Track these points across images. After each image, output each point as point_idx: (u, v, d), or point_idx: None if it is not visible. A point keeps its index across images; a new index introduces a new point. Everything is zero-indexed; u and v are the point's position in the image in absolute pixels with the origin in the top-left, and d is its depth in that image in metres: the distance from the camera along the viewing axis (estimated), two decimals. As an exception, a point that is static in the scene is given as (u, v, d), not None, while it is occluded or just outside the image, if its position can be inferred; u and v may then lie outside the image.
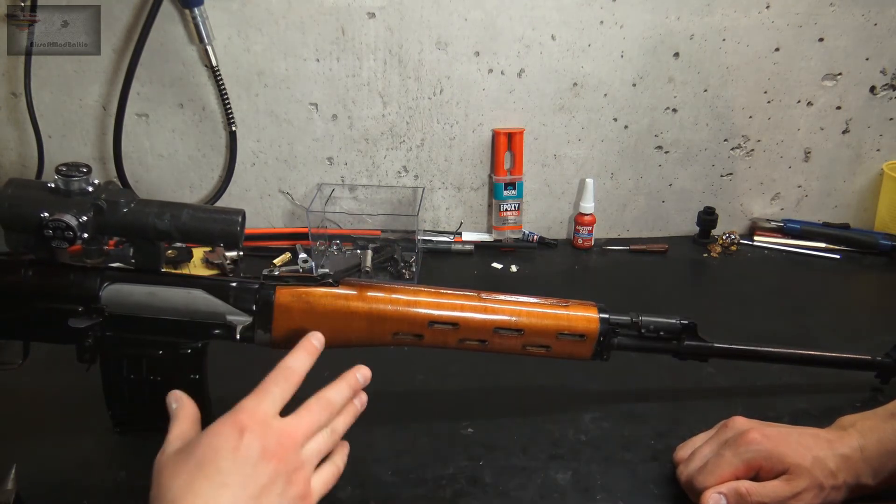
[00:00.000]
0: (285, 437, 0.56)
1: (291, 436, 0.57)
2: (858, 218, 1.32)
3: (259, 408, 0.57)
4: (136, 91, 1.14)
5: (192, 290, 0.70)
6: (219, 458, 0.53)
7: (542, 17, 1.13)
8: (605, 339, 0.75)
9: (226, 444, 0.54)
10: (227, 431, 0.54)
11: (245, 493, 0.52)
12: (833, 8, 1.15)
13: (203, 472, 0.52)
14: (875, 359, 0.85)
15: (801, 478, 0.65)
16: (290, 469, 0.56)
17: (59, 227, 0.63)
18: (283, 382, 0.60)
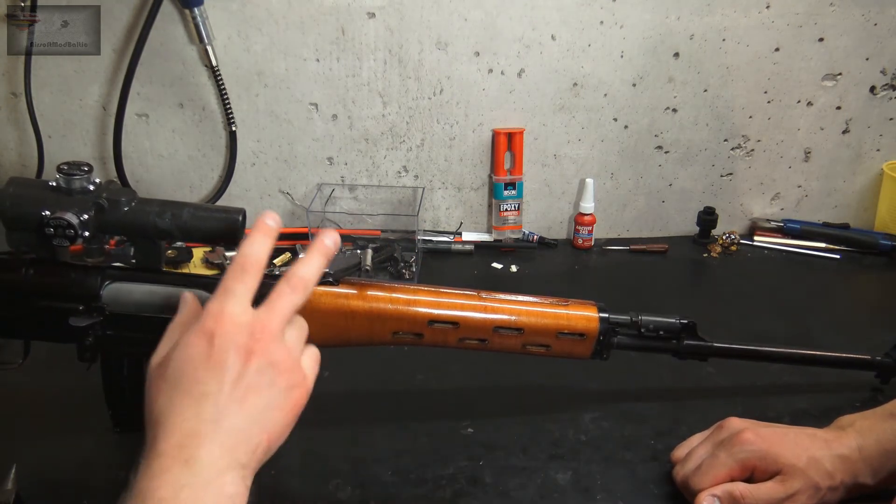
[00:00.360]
0: (259, 330, 0.53)
1: (266, 328, 0.53)
2: (858, 218, 1.32)
3: (224, 309, 0.53)
4: (136, 91, 1.14)
5: (192, 289, 0.70)
6: (193, 370, 0.51)
7: (542, 17, 1.13)
8: (604, 338, 0.75)
9: (197, 353, 0.51)
10: (196, 341, 0.52)
11: (229, 398, 0.50)
12: (833, 8, 1.15)
13: (181, 388, 0.51)
14: (875, 359, 0.85)
15: (795, 478, 0.65)
16: (275, 360, 0.53)
17: (61, 225, 0.63)
18: (242, 275, 0.55)
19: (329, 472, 0.72)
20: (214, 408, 0.50)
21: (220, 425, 0.50)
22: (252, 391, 0.51)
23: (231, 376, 0.51)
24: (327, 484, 0.71)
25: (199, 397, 0.50)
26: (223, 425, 0.50)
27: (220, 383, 0.51)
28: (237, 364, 0.51)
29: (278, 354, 0.53)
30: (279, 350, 0.54)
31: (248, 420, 0.51)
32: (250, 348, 0.52)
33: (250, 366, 0.52)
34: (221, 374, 0.51)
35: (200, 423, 0.49)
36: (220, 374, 0.51)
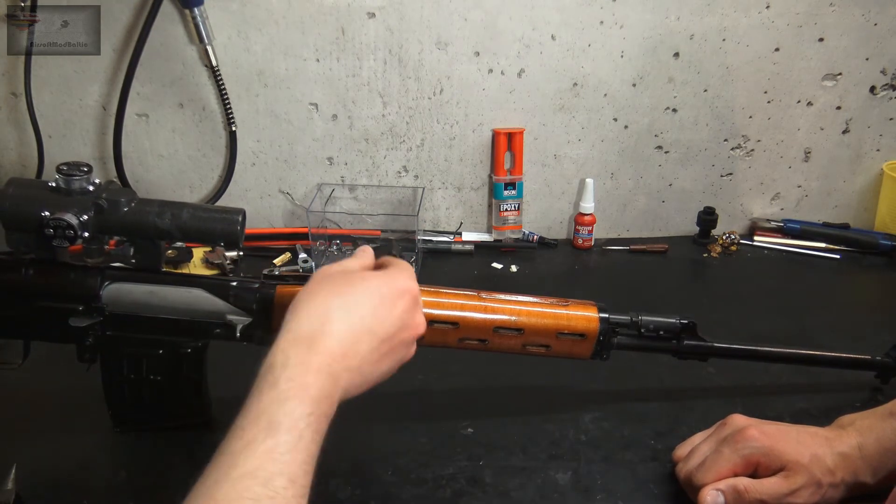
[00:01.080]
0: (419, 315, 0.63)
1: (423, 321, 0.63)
2: (858, 218, 1.32)
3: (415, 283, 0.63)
4: (136, 91, 1.14)
5: (192, 289, 0.70)
6: (378, 307, 0.58)
7: (542, 17, 1.13)
8: (604, 338, 0.75)
9: (389, 299, 0.59)
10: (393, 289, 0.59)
11: (381, 345, 0.57)
12: (833, 8, 1.15)
13: (359, 310, 0.57)
14: (875, 359, 0.85)
15: (798, 474, 0.65)
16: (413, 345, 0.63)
17: (60, 225, 0.64)
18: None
19: (329, 472, 0.72)
20: (370, 345, 0.56)
21: (368, 362, 0.56)
22: (389, 357, 0.59)
23: (394, 331, 0.58)
24: (327, 484, 0.71)
25: (369, 329, 0.56)
26: (368, 371, 0.57)
27: (385, 330, 0.58)
28: (401, 327, 0.59)
29: (414, 345, 0.63)
30: (415, 338, 0.63)
31: (379, 370, 0.58)
32: (410, 325, 0.61)
33: (405, 334, 0.60)
34: (390, 326, 0.58)
35: (358, 349, 0.55)
36: (391, 325, 0.58)
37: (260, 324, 0.70)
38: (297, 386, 0.50)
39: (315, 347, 0.53)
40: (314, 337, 0.53)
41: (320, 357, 0.52)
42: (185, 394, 0.74)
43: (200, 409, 0.76)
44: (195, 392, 0.75)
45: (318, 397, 0.50)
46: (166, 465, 0.73)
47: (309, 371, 0.51)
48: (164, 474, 0.72)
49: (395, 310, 0.59)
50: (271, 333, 0.70)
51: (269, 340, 0.70)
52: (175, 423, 0.76)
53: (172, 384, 0.74)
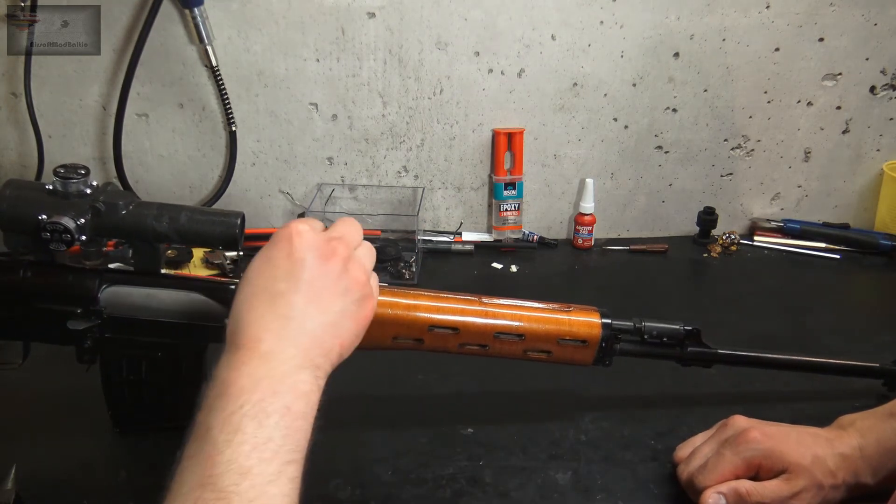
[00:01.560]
0: (335, 239, 0.56)
1: (342, 239, 0.57)
2: (858, 218, 1.32)
3: (301, 223, 0.57)
4: (136, 91, 1.14)
5: (190, 292, 0.70)
6: (272, 270, 0.54)
7: (542, 17, 1.12)
8: (607, 344, 0.74)
9: (276, 254, 0.54)
10: (276, 245, 0.55)
11: (306, 298, 0.53)
12: (833, 8, 1.15)
13: (260, 287, 0.53)
14: (882, 366, 0.84)
15: (800, 477, 0.65)
16: (349, 268, 0.56)
17: (57, 229, 0.63)
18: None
19: (329, 472, 0.73)
20: (290, 306, 0.52)
21: (296, 323, 0.52)
22: (327, 294, 0.54)
23: (308, 276, 0.53)
24: (327, 484, 0.71)
25: (276, 295, 0.52)
26: (299, 324, 0.52)
27: (296, 282, 0.53)
28: (314, 266, 0.54)
29: (352, 264, 0.57)
30: (353, 261, 0.57)
31: (322, 323, 0.53)
32: (327, 254, 0.55)
33: (327, 269, 0.54)
34: (299, 273, 0.53)
35: (276, 318, 0.52)
36: (298, 272, 0.53)
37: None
38: (223, 386, 0.49)
39: (233, 345, 0.52)
40: (231, 337, 0.52)
41: (239, 352, 0.51)
42: (184, 394, 0.74)
43: (200, 410, 0.76)
44: (195, 393, 0.75)
45: (248, 386, 0.48)
46: (166, 466, 0.72)
47: (233, 367, 0.50)
48: (164, 474, 0.71)
49: (290, 255, 0.54)
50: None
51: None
52: (175, 423, 0.76)
53: (172, 385, 0.74)
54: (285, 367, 0.50)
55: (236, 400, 0.47)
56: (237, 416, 0.46)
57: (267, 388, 0.48)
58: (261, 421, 0.46)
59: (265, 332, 0.51)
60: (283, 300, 0.52)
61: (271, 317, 0.52)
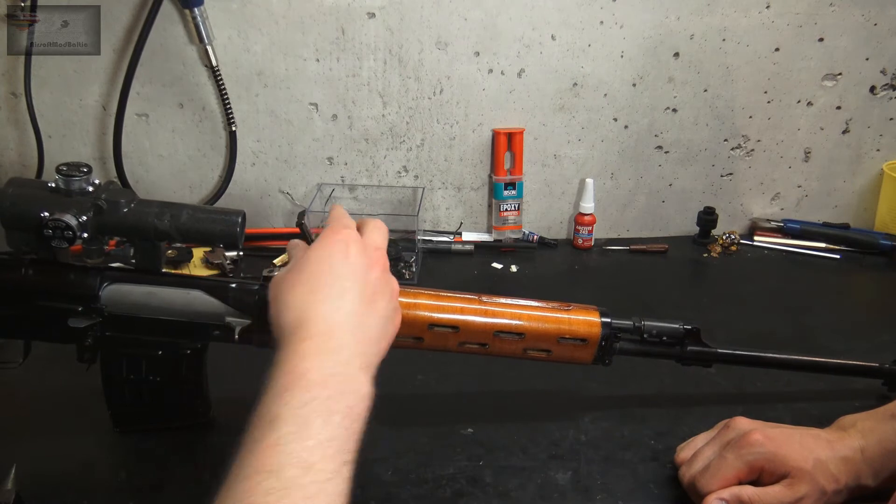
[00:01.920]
0: (377, 249, 0.61)
1: (379, 248, 0.61)
2: (858, 218, 1.32)
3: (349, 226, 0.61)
4: (136, 91, 1.14)
5: (191, 290, 0.70)
6: (332, 269, 0.56)
7: (542, 17, 1.13)
8: (606, 343, 0.75)
9: (336, 254, 0.57)
10: (333, 245, 0.58)
11: (363, 297, 0.56)
12: (833, 8, 1.15)
13: (321, 285, 0.55)
14: (883, 366, 0.84)
15: (802, 482, 0.65)
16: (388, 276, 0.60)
17: (59, 226, 0.64)
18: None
19: (329, 473, 0.72)
20: (353, 304, 0.55)
21: (360, 322, 0.55)
22: (378, 296, 0.58)
23: (364, 278, 0.57)
24: (327, 484, 0.71)
25: (342, 293, 0.55)
26: (362, 323, 0.55)
27: (356, 282, 0.56)
28: (367, 270, 0.58)
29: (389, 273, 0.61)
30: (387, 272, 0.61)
31: (376, 322, 0.57)
32: (374, 261, 0.59)
33: (375, 273, 0.58)
34: (360, 276, 0.57)
35: (344, 315, 0.54)
36: (359, 275, 0.57)
37: (259, 326, 0.70)
38: (293, 375, 0.50)
39: (300, 335, 0.53)
40: (294, 327, 0.53)
41: (309, 342, 0.52)
42: (184, 394, 0.74)
43: (200, 410, 0.76)
44: (195, 392, 0.75)
45: (319, 380, 0.49)
46: (166, 465, 0.73)
47: (305, 357, 0.51)
48: (164, 474, 0.72)
49: (347, 258, 0.57)
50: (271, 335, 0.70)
51: (268, 342, 0.71)
52: (175, 423, 0.76)
53: (172, 384, 0.74)
54: (352, 367, 0.52)
55: (306, 393, 0.48)
56: (306, 410, 0.47)
57: (335, 386, 0.50)
58: (326, 419, 0.47)
59: (336, 327, 0.53)
60: (348, 299, 0.55)
61: (339, 314, 0.54)
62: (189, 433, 0.76)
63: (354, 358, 0.53)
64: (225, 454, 0.76)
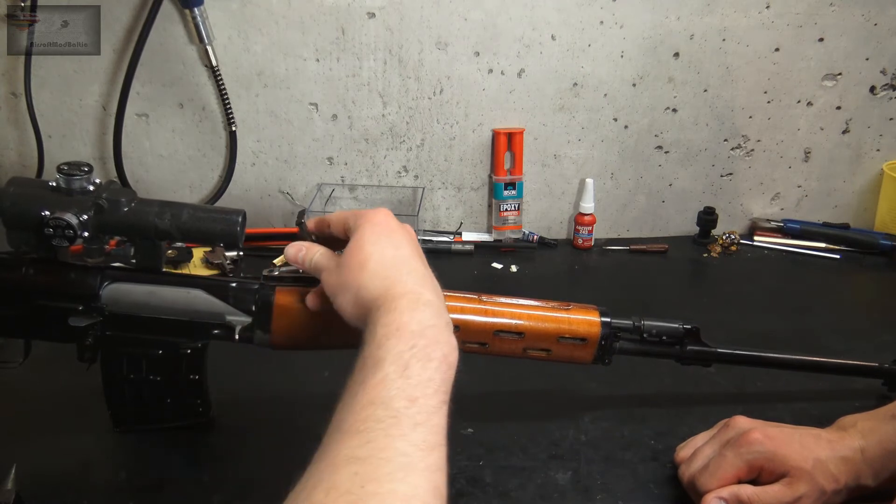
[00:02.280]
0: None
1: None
2: (858, 218, 1.32)
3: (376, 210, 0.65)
4: (136, 91, 1.14)
5: (191, 289, 0.70)
6: (393, 239, 0.61)
7: (542, 17, 1.13)
8: (606, 343, 0.75)
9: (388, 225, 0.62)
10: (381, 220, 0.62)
11: (423, 262, 0.61)
12: (833, 8, 1.15)
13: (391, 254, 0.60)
14: (882, 366, 0.84)
15: (802, 481, 0.65)
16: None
17: (60, 225, 0.64)
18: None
19: (329, 473, 0.72)
20: (423, 267, 0.60)
21: (431, 282, 0.60)
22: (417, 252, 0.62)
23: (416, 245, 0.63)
24: (327, 484, 0.71)
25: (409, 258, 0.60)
26: (433, 282, 0.60)
27: (415, 249, 0.62)
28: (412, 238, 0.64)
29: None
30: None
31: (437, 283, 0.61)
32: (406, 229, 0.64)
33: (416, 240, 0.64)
34: (413, 243, 0.63)
35: (420, 277, 0.59)
36: (412, 242, 0.63)
37: (259, 325, 0.70)
38: (393, 327, 0.53)
39: (392, 295, 0.56)
40: (389, 287, 0.57)
41: (404, 298, 0.55)
42: (185, 394, 0.74)
43: (200, 409, 0.76)
44: (195, 392, 0.75)
45: (417, 331, 0.53)
46: (166, 465, 0.73)
47: (402, 312, 0.54)
48: (164, 474, 0.72)
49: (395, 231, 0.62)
50: (271, 334, 0.70)
51: (269, 341, 0.71)
52: (175, 423, 0.76)
53: (172, 384, 0.74)
54: (442, 320, 0.55)
55: (408, 341, 0.52)
56: (407, 355, 0.51)
57: (432, 336, 0.53)
58: (425, 364, 0.51)
59: (420, 286, 0.57)
60: (416, 262, 0.60)
61: (417, 276, 0.58)
62: (189, 433, 0.76)
63: (443, 312, 0.56)
64: (225, 454, 0.77)
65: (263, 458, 0.74)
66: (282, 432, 0.77)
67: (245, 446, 0.76)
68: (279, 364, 0.85)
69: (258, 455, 0.74)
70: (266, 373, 0.86)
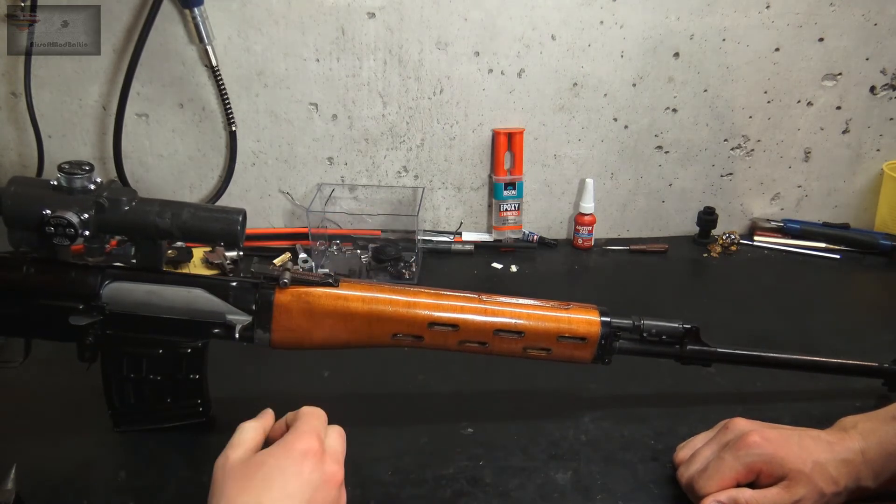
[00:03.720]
0: (334, 462, 0.59)
1: (338, 461, 0.59)
2: (858, 218, 1.32)
3: (312, 431, 0.59)
4: (136, 91, 1.14)
5: (192, 288, 0.70)
6: (286, 480, 0.55)
7: (542, 17, 1.13)
8: (606, 342, 0.75)
9: (293, 466, 0.56)
10: (294, 455, 0.56)
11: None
12: (833, 8, 1.15)
13: (270, 493, 0.54)
14: (882, 366, 0.84)
15: (800, 484, 0.65)
16: (339, 494, 0.59)
17: (61, 224, 0.64)
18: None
19: (329, 472, 0.72)
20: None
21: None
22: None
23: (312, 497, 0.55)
24: (327, 484, 0.71)
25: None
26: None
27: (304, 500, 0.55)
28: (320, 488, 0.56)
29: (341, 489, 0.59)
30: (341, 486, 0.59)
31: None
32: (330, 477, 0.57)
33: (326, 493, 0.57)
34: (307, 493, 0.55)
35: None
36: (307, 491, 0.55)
37: (259, 324, 0.70)
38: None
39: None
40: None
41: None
42: (185, 393, 0.74)
43: (200, 409, 0.76)
44: (195, 392, 0.75)
45: None
46: (166, 465, 0.73)
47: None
48: (164, 474, 0.72)
49: (302, 476, 0.56)
50: (271, 334, 0.70)
51: (269, 341, 0.71)
52: (175, 423, 0.76)
53: (172, 384, 0.74)
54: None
55: None
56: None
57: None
58: None
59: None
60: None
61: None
62: (189, 433, 0.76)
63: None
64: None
65: (263, 458, 0.74)
66: (282, 432, 0.77)
67: (245, 446, 0.76)
68: (279, 364, 0.85)
69: (258, 455, 0.74)
70: (266, 373, 0.86)
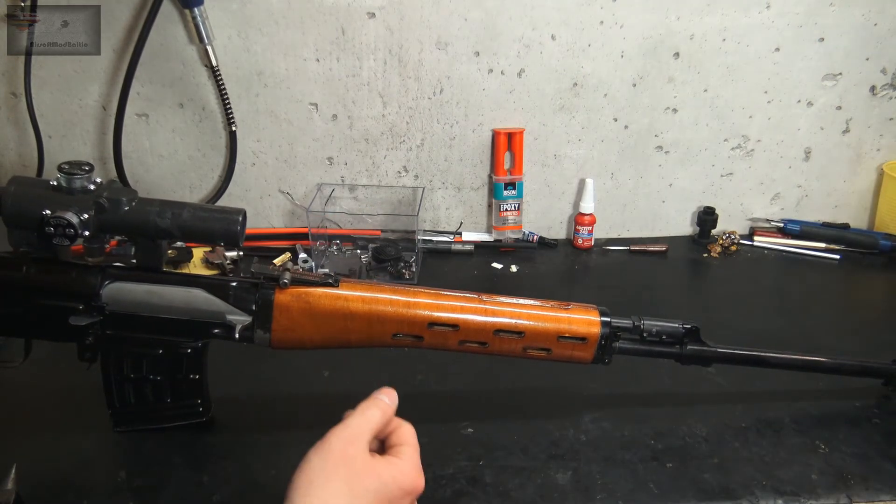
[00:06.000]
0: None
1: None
2: (858, 218, 1.32)
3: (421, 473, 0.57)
4: (136, 91, 1.14)
5: (192, 289, 0.70)
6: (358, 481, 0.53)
7: (542, 17, 1.13)
8: (606, 342, 0.75)
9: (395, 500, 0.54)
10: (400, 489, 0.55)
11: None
12: (833, 8, 1.15)
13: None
14: (882, 365, 0.84)
15: None
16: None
17: (61, 224, 0.64)
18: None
19: (329, 472, 0.72)
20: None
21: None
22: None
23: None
24: (327, 484, 0.71)
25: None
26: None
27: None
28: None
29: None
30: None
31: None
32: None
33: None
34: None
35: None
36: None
37: (259, 324, 0.70)
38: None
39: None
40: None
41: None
42: (185, 394, 0.74)
43: (200, 409, 0.76)
44: (195, 392, 0.75)
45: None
46: (166, 465, 0.73)
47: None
48: (164, 474, 0.72)
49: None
50: (271, 334, 0.70)
51: (269, 341, 0.71)
52: (175, 423, 0.76)
53: (172, 384, 0.74)
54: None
55: None
56: None
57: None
58: None
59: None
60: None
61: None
62: (189, 433, 0.76)
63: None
64: (225, 454, 0.77)
65: (263, 458, 0.74)
66: (282, 432, 0.77)
67: (245, 446, 0.76)
68: (279, 364, 0.85)
69: (258, 455, 0.74)
70: (266, 373, 0.86)
